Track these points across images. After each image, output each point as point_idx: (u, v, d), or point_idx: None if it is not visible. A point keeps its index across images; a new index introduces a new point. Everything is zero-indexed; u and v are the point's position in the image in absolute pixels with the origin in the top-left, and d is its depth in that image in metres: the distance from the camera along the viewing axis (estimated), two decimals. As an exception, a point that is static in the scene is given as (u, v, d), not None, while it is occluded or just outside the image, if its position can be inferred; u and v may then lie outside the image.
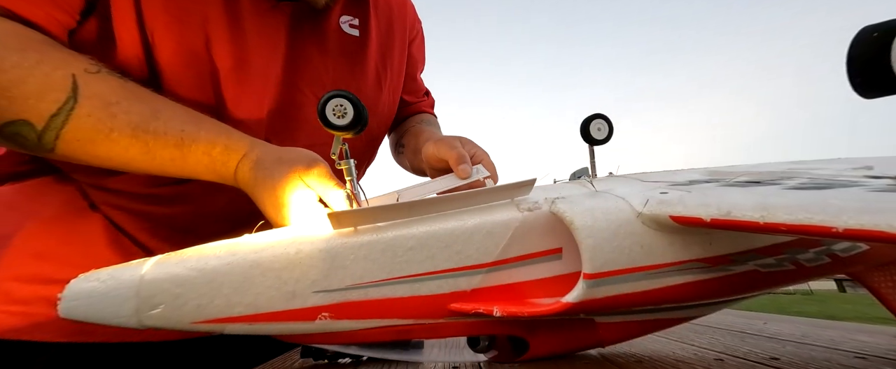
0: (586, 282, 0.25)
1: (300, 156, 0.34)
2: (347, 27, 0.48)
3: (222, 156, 0.35)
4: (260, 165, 0.34)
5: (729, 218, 0.21)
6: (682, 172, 0.34)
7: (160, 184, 0.41)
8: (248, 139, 0.36)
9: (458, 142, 0.43)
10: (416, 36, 0.60)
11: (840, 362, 0.30)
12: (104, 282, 0.24)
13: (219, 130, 0.35)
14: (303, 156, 0.34)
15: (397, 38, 0.54)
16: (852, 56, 0.26)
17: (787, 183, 0.25)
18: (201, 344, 0.42)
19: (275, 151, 0.35)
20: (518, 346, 0.31)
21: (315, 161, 0.33)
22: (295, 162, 0.33)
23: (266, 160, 0.34)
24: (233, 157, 0.35)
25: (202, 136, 0.34)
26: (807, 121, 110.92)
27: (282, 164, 0.33)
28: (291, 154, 0.34)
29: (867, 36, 0.26)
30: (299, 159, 0.33)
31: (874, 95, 0.26)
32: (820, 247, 0.29)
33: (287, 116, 0.44)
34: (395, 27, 0.54)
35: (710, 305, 0.33)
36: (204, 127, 0.35)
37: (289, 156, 0.34)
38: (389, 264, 0.26)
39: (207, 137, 0.34)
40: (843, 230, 0.17)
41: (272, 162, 0.33)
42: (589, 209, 0.25)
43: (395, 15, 0.54)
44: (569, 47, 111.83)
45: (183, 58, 0.38)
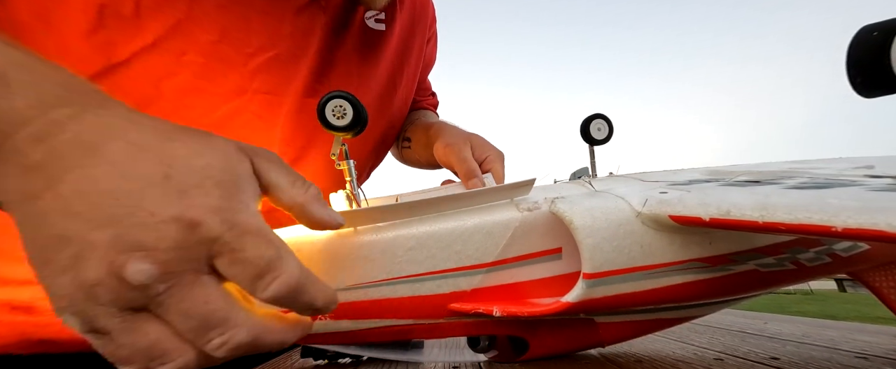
0: (586, 282, 0.25)
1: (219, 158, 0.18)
2: (373, 21, 0.44)
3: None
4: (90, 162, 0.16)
5: (728, 217, 0.21)
6: (682, 172, 0.34)
7: None
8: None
9: (468, 150, 0.40)
10: (433, 37, 0.59)
11: (840, 362, 0.30)
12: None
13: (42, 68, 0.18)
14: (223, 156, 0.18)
15: (418, 35, 0.52)
16: (851, 55, 0.26)
17: (786, 182, 0.25)
18: None
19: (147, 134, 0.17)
20: (518, 346, 0.32)
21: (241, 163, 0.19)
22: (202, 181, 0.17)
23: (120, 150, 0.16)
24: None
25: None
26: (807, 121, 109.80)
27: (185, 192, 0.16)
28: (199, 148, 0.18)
29: (866, 35, 0.26)
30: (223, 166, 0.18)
31: (874, 95, 0.26)
32: (820, 247, 0.29)
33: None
34: (417, 26, 0.52)
35: (710, 305, 0.33)
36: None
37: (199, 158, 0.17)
38: (389, 264, 0.26)
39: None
40: (842, 229, 0.17)
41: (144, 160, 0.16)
42: (588, 209, 0.26)
43: (418, 13, 0.52)
44: (569, 47, 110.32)
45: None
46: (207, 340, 0.16)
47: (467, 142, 0.41)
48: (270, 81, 0.38)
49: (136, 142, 0.17)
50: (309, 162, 0.42)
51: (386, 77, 0.47)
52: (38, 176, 0.16)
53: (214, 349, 0.16)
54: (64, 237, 0.15)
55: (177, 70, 0.34)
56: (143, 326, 0.16)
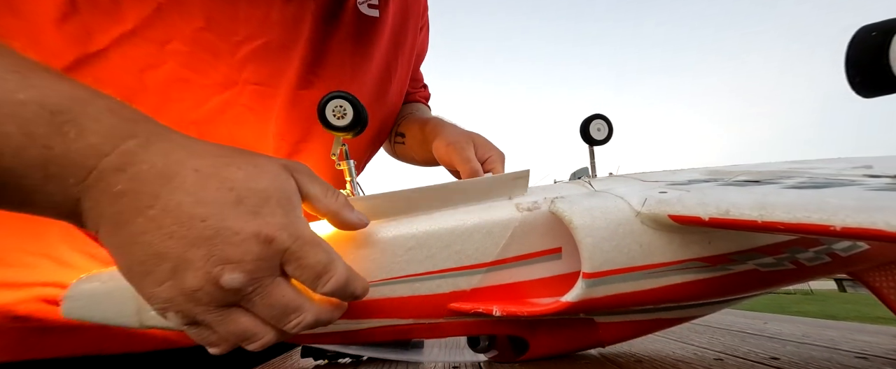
0: (585, 282, 0.25)
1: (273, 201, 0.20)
2: (366, 7, 0.42)
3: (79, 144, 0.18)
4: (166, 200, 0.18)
5: (727, 217, 0.21)
6: (681, 172, 0.34)
7: None
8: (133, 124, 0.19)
9: (471, 150, 0.39)
10: (425, 25, 0.57)
11: (840, 362, 0.30)
12: (105, 283, 0.24)
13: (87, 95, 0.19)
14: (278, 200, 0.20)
15: (411, 23, 0.50)
16: (850, 55, 0.26)
17: (785, 182, 0.25)
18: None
19: (212, 165, 0.19)
20: (518, 346, 0.32)
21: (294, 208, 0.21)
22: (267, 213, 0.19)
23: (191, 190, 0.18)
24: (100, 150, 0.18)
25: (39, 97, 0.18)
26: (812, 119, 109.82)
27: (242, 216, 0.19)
28: (258, 186, 0.20)
29: (865, 35, 0.26)
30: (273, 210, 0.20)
31: (872, 95, 0.27)
32: (820, 247, 0.29)
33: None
34: (411, 13, 0.50)
35: (710, 305, 0.33)
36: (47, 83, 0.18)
37: (255, 195, 0.19)
38: (389, 264, 0.26)
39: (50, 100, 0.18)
40: (840, 228, 0.17)
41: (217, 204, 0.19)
42: (588, 208, 0.26)
43: (411, 0, 0.50)
44: (569, 45, 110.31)
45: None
46: (286, 322, 0.21)
47: (470, 141, 0.41)
48: (261, 72, 0.37)
49: (201, 169, 0.19)
50: (304, 157, 0.41)
51: (381, 67, 0.46)
52: (127, 202, 0.18)
53: (291, 329, 0.21)
54: (161, 254, 0.18)
55: (160, 60, 0.33)
56: (236, 318, 0.20)
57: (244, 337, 0.21)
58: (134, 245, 0.18)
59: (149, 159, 0.19)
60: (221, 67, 0.35)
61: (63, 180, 0.18)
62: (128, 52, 0.32)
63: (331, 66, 0.40)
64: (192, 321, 0.20)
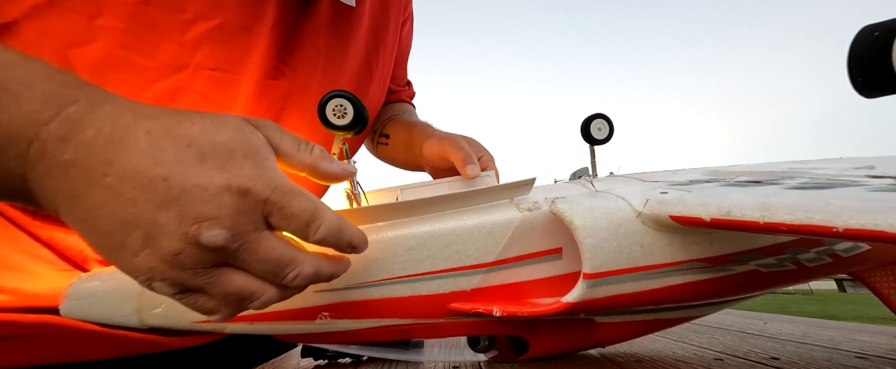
0: (586, 282, 0.25)
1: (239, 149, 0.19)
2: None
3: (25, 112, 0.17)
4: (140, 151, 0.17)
5: (729, 217, 0.21)
6: (682, 172, 0.34)
7: None
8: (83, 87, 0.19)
9: (464, 143, 0.39)
10: (408, 18, 0.55)
11: (840, 362, 0.30)
12: (105, 282, 0.24)
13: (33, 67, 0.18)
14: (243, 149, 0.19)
15: (392, 15, 0.48)
16: (853, 55, 0.26)
17: (787, 182, 0.25)
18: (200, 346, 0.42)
19: (164, 124, 0.18)
20: (518, 346, 0.32)
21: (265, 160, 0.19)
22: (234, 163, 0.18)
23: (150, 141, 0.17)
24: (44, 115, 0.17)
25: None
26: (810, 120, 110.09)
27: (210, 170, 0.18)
28: (219, 137, 0.18)
29: (868, 35, 0.26)
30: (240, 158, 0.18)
31: (875, 95, 0.26)
32: (821, 247, 0.29)
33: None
34: (391, 6, 0.48)
35: (710, 305, 0.33)
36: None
37: (218, 146, 0.18)
38: (389, 264, 0.26)
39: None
40: (843, 230, 0.17)
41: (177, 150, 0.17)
42: (589, 209, 0.25)
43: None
44: (569, 44, 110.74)
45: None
46: (283, 276, 0.20)
47: (463, 138, 0.41)
48: (216, 56, 0.33)
49: (153, 130, 0.18)
50: None
51: (361, 61, 0.44)
52: (78, 173, 0.17)
53: (290, 282, 0.20)
54: (128, 222, 0.17)
55: (89, 36, 0.29)
56: (229, 277, 0.19)
57: (242, 296, 0.19)
58: (96, 218, 0.17)
59: (94, 125, 0.17)
60: (167, 47, 0.32)
61: (5, 151, 0.17)
62: (45, 25, 0.28)
63: (303, 55, 0.38)
64: (184, 288, 0.19)
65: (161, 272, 0.18)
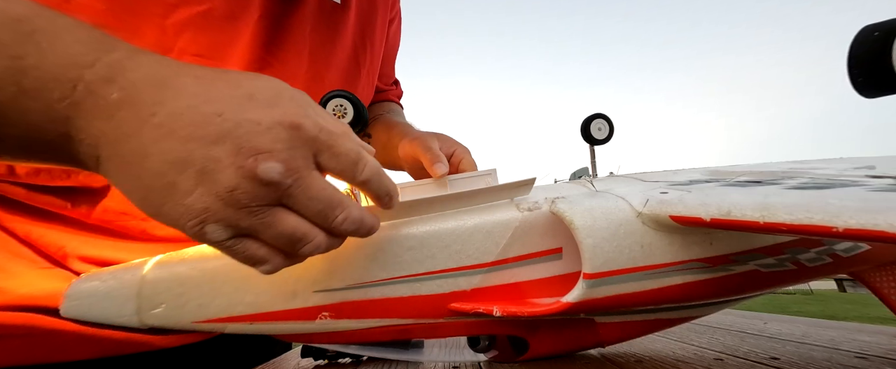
0: (586, 282, 0.25)
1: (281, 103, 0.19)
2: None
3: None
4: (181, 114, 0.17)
5: (729, 217, 0.21)
6: (682, 172, 0.34)
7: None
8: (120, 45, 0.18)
9: (434, 141, 0.39)
10: (396, 17, 0.55)
11: (840, 362, 0.30)
12: (105, 282, 0.24)
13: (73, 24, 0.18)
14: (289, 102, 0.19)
15: (379, 14, 0.48)
16: (853, 55, 0.26)
17: (787, 182, 0.25)
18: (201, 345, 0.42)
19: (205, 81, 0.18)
20: (518, 346, 0.32)
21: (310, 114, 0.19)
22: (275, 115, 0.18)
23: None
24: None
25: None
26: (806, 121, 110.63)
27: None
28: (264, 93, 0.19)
29: (868, 35, 0.26)
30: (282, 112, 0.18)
31: (875, 95, 0.26)
32: (821, 247, 0.29)
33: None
34: (378, 4, 0.48)
35: (710, 305, 0.33)
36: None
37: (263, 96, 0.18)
38: (389, 264, 0.26)
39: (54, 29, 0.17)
40: (843, 230, 0.17)
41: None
42: (589, 209, 0.25)
43: None
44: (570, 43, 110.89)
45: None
46: (333, 218, 0.19)
47: (434, 137, 0.40)
48: (201, 42, 0.32)
49: (201, 75, 0.18)
50: None
51: (348, 58, 0.44)
52: (126, 113, 0.17)
53: (339, 225, 0.20)
54: (182, 159, 0.17)
55: (66, 13, 0.30)
56: (282, 217, 0.18)
57: (294, 238, 0.19)
58: (146, 158, 0.17)
59: (140, 68, 0.17)
60: (150, 31, 0.31)
61: (44, 95, 0.16)
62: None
63: (289, 48, 0.38)
64: (237, 231, 0.18)
65: (216, 212, 0.17)
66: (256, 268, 0.19)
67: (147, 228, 0.35)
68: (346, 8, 0.42)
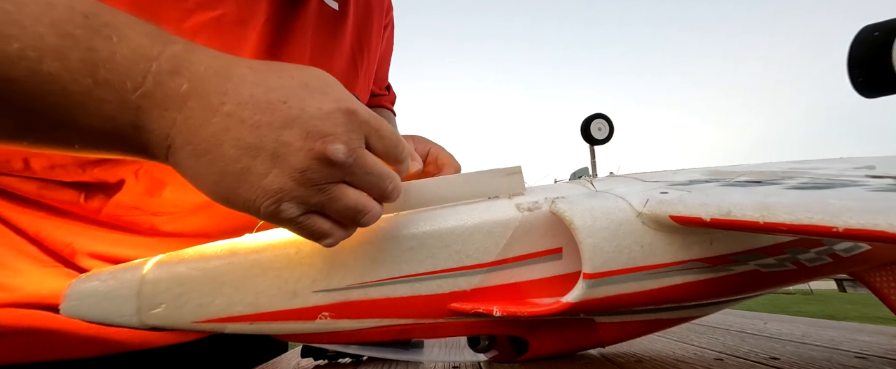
0: (586, 282, 0.25)
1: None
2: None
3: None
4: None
5: (729, 217, 0.21)
6: (682, 172, 0.34)
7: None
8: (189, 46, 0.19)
9: (409, 142, 0.39)
10: (390, 23, 0.57)
11: (840, 362, 0.30)
12: (105, 282, 0.24)
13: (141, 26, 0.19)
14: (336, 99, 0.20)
15: (375, 20, 0.50)
16: (853, 55, 0.26)
17: (787, 182, 0.25)
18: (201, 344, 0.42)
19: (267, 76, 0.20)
20: (518, 346, 0.32)
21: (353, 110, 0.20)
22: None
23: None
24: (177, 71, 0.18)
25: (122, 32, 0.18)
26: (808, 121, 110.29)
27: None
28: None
29: (868, 35, 0.26)
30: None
31: (875, 94, 0.26)
32: (821, 247, 0.29)
33: None
34: (374, 8, 0.49)
35: (710, 305, 0.33)
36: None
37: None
38: (389, 264, 0.26)
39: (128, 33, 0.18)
40: (843, 230, 0.17)
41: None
42: (589, 209, 0.25)
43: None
44: (570, 44, 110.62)
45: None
46: (385, 188, 0.22)
47: (409, 138, 0.41)
48: (214, 45, 0.31)
49: (255, 66, 0.20)
50: None
51: (346, 62, 0.45)
52: (196, 104, 0.18)
53: (390, 193, 0.22)
54: (256, 145, 0.18)
55: None
56: (346, 191, 0.21)
57: (357, 210, 0.21)
58: (220, 145, 0.18)
59: (200, 61, 0.19)
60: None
61: (117, 86, 0.17)
62: None
63: (291, 51, 0.39)
64: (308, 207, 0.20)
65: (290, 191, 0.19)
66: (321, 241, 0.22)
67: (156, 223, 0.35)
68: (344, 14, 0.43)
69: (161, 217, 0.36)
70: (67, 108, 0.17)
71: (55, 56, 0.16)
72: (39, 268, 0.32)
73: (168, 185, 0.34)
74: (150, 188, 0.34)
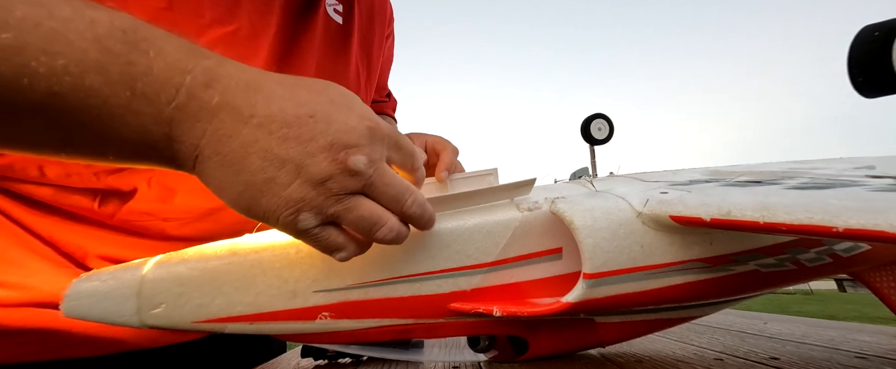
0: (586, 282, 0.25)
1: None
2: (332, 12, 0.43)
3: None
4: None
5: (729, 217, 0.21)
6: (682, 172, 0.34)
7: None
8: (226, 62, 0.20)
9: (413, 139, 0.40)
10: (390, 34, 0.59)
11: (840, 362, 0.30)
12: (105, 282, 0.24)
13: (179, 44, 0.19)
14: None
15: (377, 32, 0.51)
16: (853, 55, 0.26)
17: (787, 182, 0.25)
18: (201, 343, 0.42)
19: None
20: (518, 346, 0.32)
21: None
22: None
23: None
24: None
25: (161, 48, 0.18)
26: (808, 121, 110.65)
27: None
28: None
29: (868, 35, 0.26)
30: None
31: (875, 94, 0.26)
32: (821, 247, 0.29)
33: None
34: (376, 20, 0.51)
35: (710, 305, 0.33)
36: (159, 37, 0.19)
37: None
38: (389, 264, 0.26)
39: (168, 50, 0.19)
40: (843, 230, 0.17)
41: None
42: (589, 209, 0.25)
43: (376, 8, 0.51)
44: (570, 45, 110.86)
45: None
46: (404, 201, 0.22)
47: (409, 135, 0.43)
48: (229, 57, 0.36)
49: (283, 81, 0.21)
50: None
51: (350, 73, 0.46)
52: (226, 116, 0.19)
53: (409, 207, 0.22)
54: (282, 157, 0.19)
55: None
56: (363, 202, 0.21)
57: (371, 220, 0.21)
58: (246, 156, 0.19)
59: (231, 75, 0.19)
60: None
61: (154, 99, 0.18)
62: None
63: (298, 63, 0.40)
64: (324, 218, 0.20)
65: (310, 200, 0.19)
66: (335, 255, 0.22)
67: (165, 228, 0.37)
68: (348, 27, 0.45)
69: (171, 222, 0.37)
70: (107, 120, 0.18)
71: (97, 70, 0.17)
72: (56, 268, 0.33)
73: (179, 193, 0.35)
74: (161, 195, 0.35)
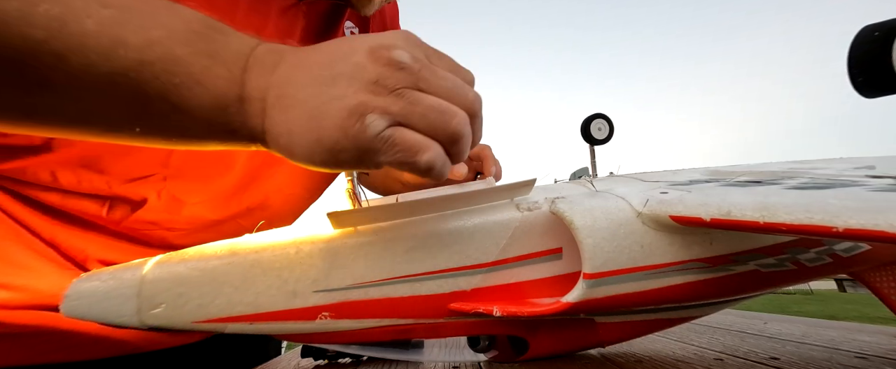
0: (586, 282, 0.25)
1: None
2: (350, 35, 0.45)
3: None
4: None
5: (729, 217, 0.21)
6: (682, 172, 0.34)
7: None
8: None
9: None
10: None
11: (840, 362, 0.30)
12: (105, 282, 0.24)
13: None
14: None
15: None
16: (853, 55, 0.26)
17: (787, 182, 0.25)
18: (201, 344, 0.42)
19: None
20: (518, 346, 0.32)
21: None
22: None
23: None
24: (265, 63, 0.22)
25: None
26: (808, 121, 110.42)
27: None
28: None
29: (868, 35, 0.26)
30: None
31: (875, 94, 0.26)
32: (821, 247, 0.29)
33: None
34: (387, 29, 0.52)
35: (710, 305, 0.33)
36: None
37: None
38: (389, 264, 0.26)
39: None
40: (843, 230, 0.17)
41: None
42: (589, 209, 0.25)
43: (389, 28, 0.52)
44: (570, 46, 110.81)
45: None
46: (465, 94, 0.22)
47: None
48: None
49: (315, 46, 0.23)
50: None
51: None
52: (282, 68, 0.22)
53: (472, 100, 0.23)
54: (331, 76, 0.21)
55: None
56: (423, 96, 0.21)
57: (441, 109, 0.21)
58: (306, 88, 0.21)
59: (286, 47, 0.23)
60: None
61: (231, 64, 0.21)
62: None
63: None
64: (392, 118, 0.21)
65: (369, 102, 0.20)
66: (420, 157, 0.21)
67: (169, 237, 0.37)
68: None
69: (175, 232, 0.37)
70: (188, 86, 0.21)
71: (184, 42, 0.21)
72: (60, 269, 0.33)
73: (187, 205, 0.36)
74: (170, 206, 0.36)
